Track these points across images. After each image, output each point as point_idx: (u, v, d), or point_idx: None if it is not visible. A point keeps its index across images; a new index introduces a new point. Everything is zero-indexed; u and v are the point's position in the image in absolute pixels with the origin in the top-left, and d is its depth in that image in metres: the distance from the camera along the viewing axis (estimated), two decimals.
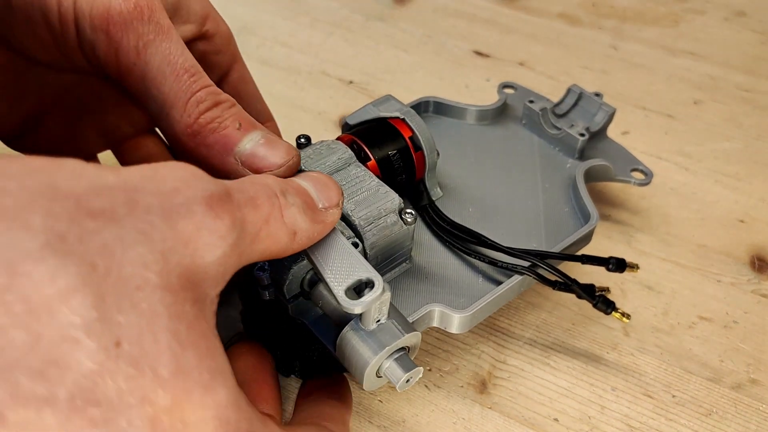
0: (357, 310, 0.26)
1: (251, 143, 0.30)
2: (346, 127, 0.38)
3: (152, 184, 0.21)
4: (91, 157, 0.38)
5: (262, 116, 0.38)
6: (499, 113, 0.46)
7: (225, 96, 0.30)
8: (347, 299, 0.26)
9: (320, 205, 0.27)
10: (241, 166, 0.29)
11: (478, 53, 0.61)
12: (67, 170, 0.20)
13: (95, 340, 0.18)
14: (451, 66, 0.59)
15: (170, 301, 0.20)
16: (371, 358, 0.28)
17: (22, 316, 0.17)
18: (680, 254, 0.45)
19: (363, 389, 0.30)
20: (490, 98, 0.46)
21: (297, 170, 0.31)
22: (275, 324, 0.33)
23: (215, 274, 0.22)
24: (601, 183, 0.48)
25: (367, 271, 0.27)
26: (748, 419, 0.37)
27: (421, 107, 0.45)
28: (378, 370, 0.29)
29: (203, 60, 0.35)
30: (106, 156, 0.39)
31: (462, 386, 0.37)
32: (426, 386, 0.37)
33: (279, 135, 0.38)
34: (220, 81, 0.37)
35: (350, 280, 0.27)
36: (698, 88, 0.58)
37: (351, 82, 0.57)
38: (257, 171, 0.30)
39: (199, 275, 0.21)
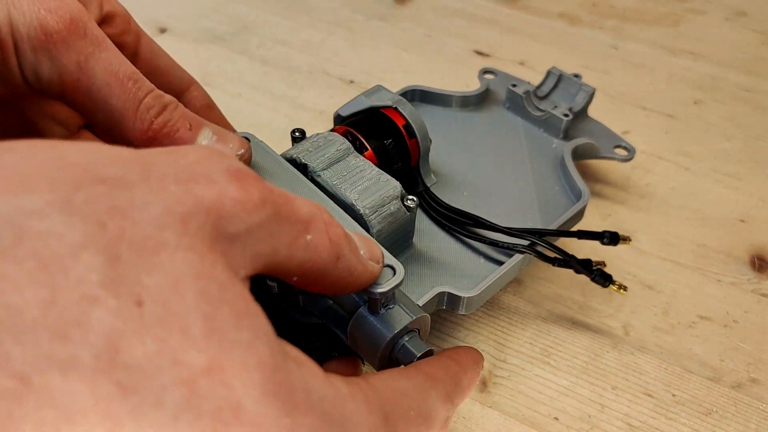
0: (380, 292, 0.27)
1: (205, 141, 0.30)
2: (338, 119, 0.39)
3: (171, 158, 0.20)
4: None
5: (184, 82, 0.37)
6: (483, 99, 0.47)
7: (169, 97, 0.30)
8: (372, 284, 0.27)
9: (362, 252, 0.26)
10: None
11: (479, 53, 0.61)
12: (79, 146, 0.19)
13: (115, 298, 0.17)
14: (451, 65, 0.59)
15: (196, 261, 0.18)
16: (383, 340, 0.28)
17: (36, 274, 0.16)
18: (680, 254, 0.45)
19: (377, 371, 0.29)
20: None
21: (249, 161, 0.32)
22: (282, 318, 0.34)
23: (242, 251, 0.20)
24: (601, 181, 0.48)
25: (388, 258, 0.28)
26: (748, 418, 0.37)
27: (407, 96, 0.45)
28: (391, 352, 0.29)
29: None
30: None
31: None
32: None
33: (209, 98, 0.37)
34: (132, 59, 0.35)
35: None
36: (699, 87, 0.58)
37: (351, 82, 0.57)
38: None
39: (225, 243, 0.20)
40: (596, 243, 0.39)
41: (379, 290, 0.27)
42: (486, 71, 0.48)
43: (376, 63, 0.59)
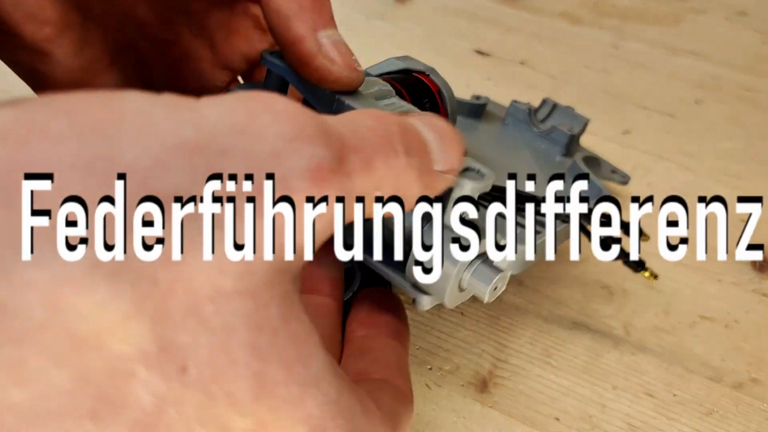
0: (467, 190, 0.23)
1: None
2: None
3: (245, 143, 0.17)
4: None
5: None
6: (482, 111, 0.46)
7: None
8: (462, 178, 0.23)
9: (437, 167, 0.22)
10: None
11: (479, 52, 0.61)
12: (129, 125, 0.16)
13: (155, 370, 0.15)
14: (452, 65, 0.59)
15: (250, 308, 0.17)
16: (453, 266, 0.24)
17: (64, 355, 0.15)
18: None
19: (446, 307, 0.27)
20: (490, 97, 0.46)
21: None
22: None
23: (309, 253, 0.18)
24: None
25: (472, 161, 0.24)
26: (749, 418, 0.37)
27: None
28: (461, 282, 0.25)
29: None
30: None
31: (463, 385, 0.37)
32: (427, 385, 0.37)
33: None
34: None
35: (464, 165, 0.24)
36: (700, 87, 0.58)
37: None
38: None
39: (289, 261, 0.18)
40: None
41: (466, 187, 0.23)
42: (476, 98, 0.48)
43: (376, 62, 0.59)
